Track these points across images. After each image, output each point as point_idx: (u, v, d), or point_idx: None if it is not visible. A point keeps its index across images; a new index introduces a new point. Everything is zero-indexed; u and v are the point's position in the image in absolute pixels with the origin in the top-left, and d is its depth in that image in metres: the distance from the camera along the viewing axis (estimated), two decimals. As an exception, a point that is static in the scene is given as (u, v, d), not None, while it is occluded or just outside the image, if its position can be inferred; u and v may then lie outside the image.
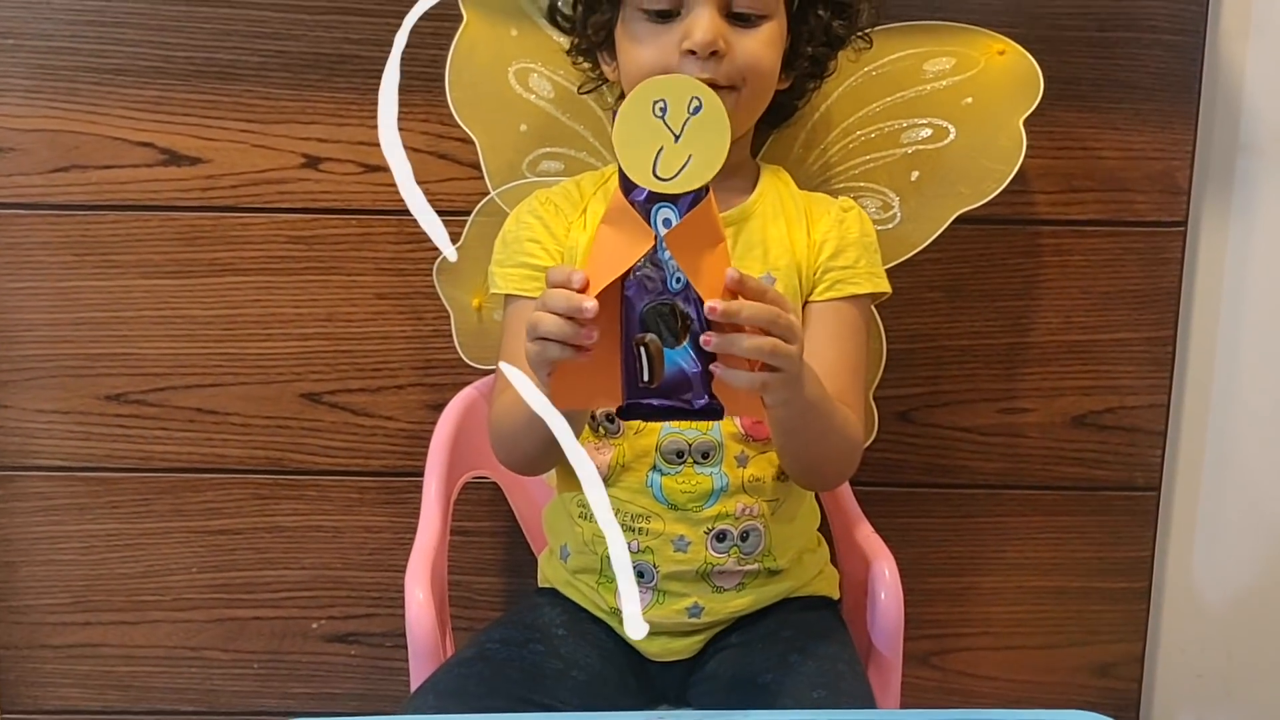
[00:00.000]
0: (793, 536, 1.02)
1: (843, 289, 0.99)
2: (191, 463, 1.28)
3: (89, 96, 1.20)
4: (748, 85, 0.95)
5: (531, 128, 1.12)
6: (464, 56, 1.10)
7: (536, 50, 1.11)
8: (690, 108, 0.70)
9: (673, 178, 0.71)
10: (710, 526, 0.97)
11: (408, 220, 1.20)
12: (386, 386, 1.26)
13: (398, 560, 1.28)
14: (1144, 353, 1.24)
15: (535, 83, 1.12)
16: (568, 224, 1.01)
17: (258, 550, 1.30)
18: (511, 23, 1.11)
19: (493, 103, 1.12)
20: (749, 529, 0.98)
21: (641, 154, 0.71)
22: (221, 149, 1.21)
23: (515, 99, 1.12)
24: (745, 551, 0.99)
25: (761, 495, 0.99)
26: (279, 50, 1.19)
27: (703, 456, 0.97)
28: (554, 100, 1.12)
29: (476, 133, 1.12)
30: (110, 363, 1.25)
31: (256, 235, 1.22)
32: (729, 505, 0.97)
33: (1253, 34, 1.21)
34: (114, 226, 1.23)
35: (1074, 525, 1.29)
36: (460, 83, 1.11)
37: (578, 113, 1.12)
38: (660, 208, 0.72)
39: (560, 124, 1.13)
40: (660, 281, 0.74)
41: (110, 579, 1.31)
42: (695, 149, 0.70)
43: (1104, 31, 1.17)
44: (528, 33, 1.10)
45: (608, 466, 0.97)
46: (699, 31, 0.91)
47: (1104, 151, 1.20)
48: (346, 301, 1.24)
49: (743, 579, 0.99)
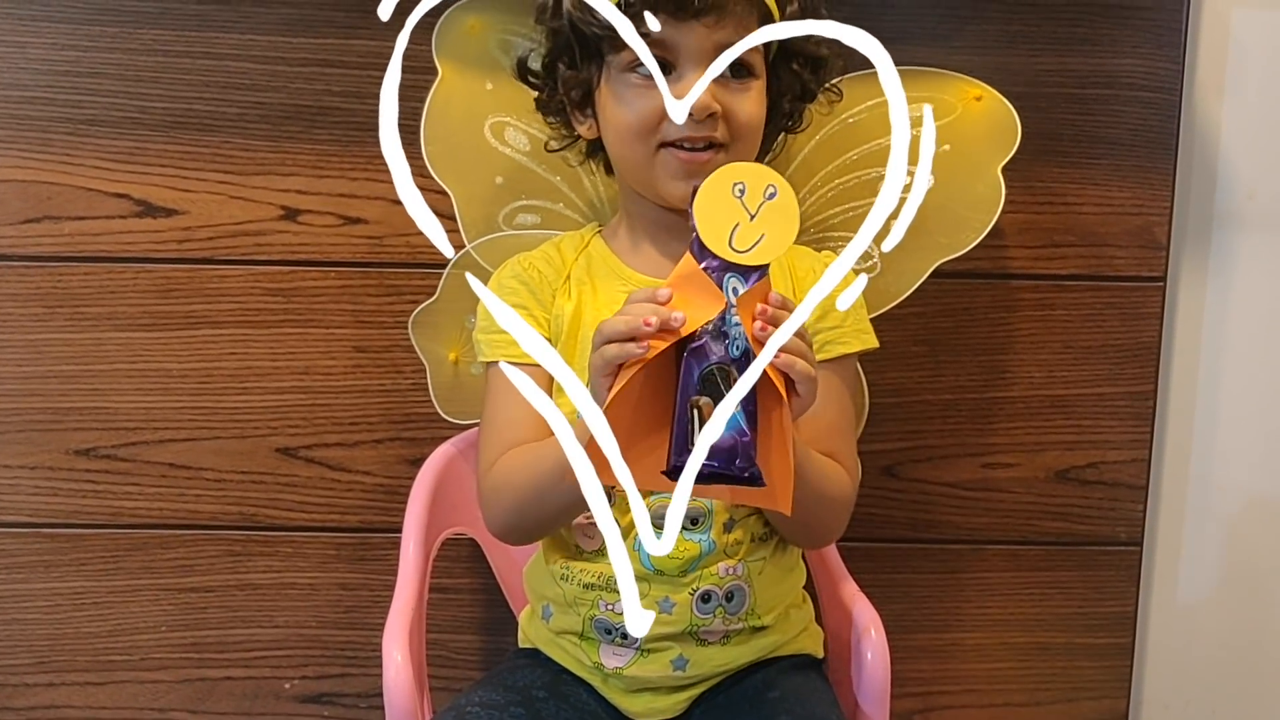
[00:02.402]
0: (779, 594, 1.01)
1: (833, 349, 0.99)
2: (163, 519, 1.25)
3: (62, 147, 1.18)
4: (740, 143, 0.95)
5: (507, 180, 1.12)
6: (439, 111, 1.10)
7: (511, 104, 1.10)
8: (766, 193, 0.78)
9: (747, 251, 0.78)
10: (695, 588, 0.96)
11: (387, 273, 1.21)
12: (364, 441, 1.24)
13: (373, 618, 1.26)
14: (1125, 407, 1.24)
15: (511, 136, 1.11)
16: (552, 291, 1.00)
17: (229, 608, 1.27)
18: (487, 76, 1.10)
19: (468, 156, 1.11)
20: (734, 589, 0.97)
21: (720, 227, 0.78)
22: (198, 200, 1.19)
23: (491, 152, 1.11)
24: (731, 611, 0.97)
25: (747, 557, 0.97)
26: (258, 102, 1.18)
27: (692, 522, 0.96)
28: (529, 153, 1.12)
29: (451, 186, 1.11)
30: (81, 416, 1.23)
31: (233, 287, 1.21)
32: (714, 568, 0.96)
33: (1227, 91, 1.22)
34: (86, 278, 1.21)
35: (1057, 580, 1.29)
36: (435, 137, 1.10)
37: (553, 166, 1.12)
38: (730, 277, 0.78)
39: (536, 176, 1.12)
40: (723, 347, 0.78)
41: (76, 638, 1.27)
42: (768, 229, 0.78)
43: (1083, 88, 1.19)
44: (503, 86, 1.10)
45: (601, 538, 0.95)
46: (696, 94, 0.90)
47: (1083, 207, 1.21)
48: (324, 355, 1.22)
49: (728, 633, 0.98)
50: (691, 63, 0.92)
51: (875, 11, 1.17)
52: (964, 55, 1.16)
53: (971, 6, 1.17)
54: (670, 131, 0.93)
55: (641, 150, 0.94)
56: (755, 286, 0.78)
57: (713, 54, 0.90)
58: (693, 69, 0.91)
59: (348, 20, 1.16)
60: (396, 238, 1.20)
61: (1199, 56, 1.21)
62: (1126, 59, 1.18)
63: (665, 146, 0.94)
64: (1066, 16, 1.18)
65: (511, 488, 0.93)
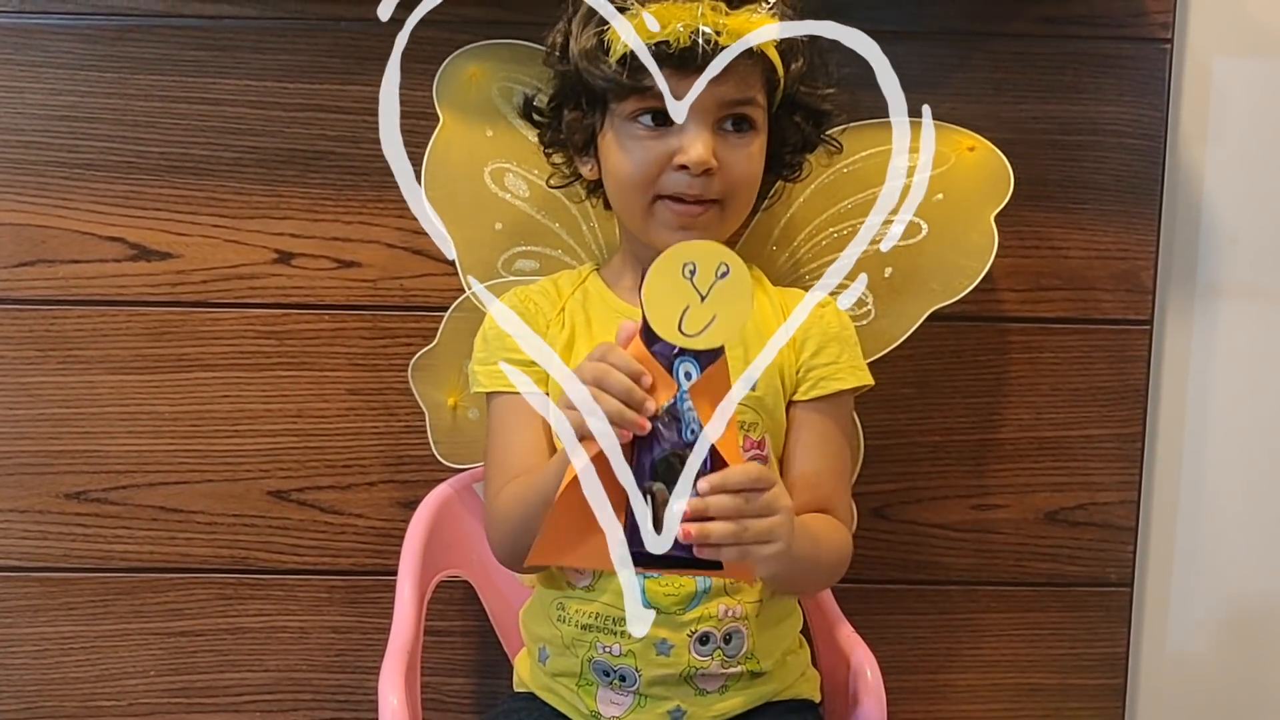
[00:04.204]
0: (777, 638, 1.01)
1: (827, 385, 0.99)
2: (153, 562, 1.24)
3: (58, 191, 1.19)
4: (735, 199, 0.96)
5: (507, 226, 1.13)
6: (440, 157, 1.11)
7: (512, 150, 1.12)
8: (718, 272, 0.75)
9: (698, 334, 0.76)
10: (693, 629, 0.96)
11: (381, 315, 1.22)
12: (357, 484, 1.24)
13: (366, 661, 1.25)
14: (1114, 449, 1.26)
15: (511, 182, 1.12)
16: (546, 321, 1.01)
17: (220, 652, 1.26)
18: (487, 124, 1.12)
19: (468, 202, 1.12)
20: (732, 631, 0.97)
21: (669, 310, 0.76)
22: (193, 244, 1.20)
23: (491, 198, 1.12)
24: (729, 654, 0.97)
25: (745, 597, 0.97)
26: (253, 146, 1.19)
27: None
28: (529, 199, 1.13)
29: (452, 231, 1.10)
30: (71, 459, 1.23)
31: (226, 330, 1.21)
32: (712, 607, 0.96)
33: (1209, 138, 1.24)
34: (80, 321, 1.21)
35: (1047, 622, 1.29)
36: (436, 182, 1.11)
37: (553, 211, 1.13)
38: (682, 361, 0.76)
39: (535, 222, 1.13)
40: (676, 432, 0.77)
41: (64, 683, 1.26)
42: (720, 310, 0.75)
43: (1068, 135, 1.21)
44: (503, 133, 1.11)
45: (592, 573, 0.96)
46: (695, 150, 0.91)
47: (1070, 251, 1.22)
48: (318, 397, 1.22)
49: (726, 681, 0.98)
50: (700, 116, 0.92)
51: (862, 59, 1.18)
52: (951, 103, 1.18)
53: (958, 55, 1.20)
54: (667, 185, 0.94)
55: (638, 200, 0.96)
56: (711, 371, 0.76)
57: (715, 111, 0.92)
58: (695, 123, 0.92)
59: (344, 66, 1.17)
60: (390, 281, 1.21)
61: (1182, 104, 1.23)
62: (1111, 106, 1.20)
63: (661, 199, 0.95)
64: (1052, 65, 1.20)
65: (514, 513, 0.94)
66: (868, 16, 0.89)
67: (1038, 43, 1.20)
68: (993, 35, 1.19)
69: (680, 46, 0.89)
